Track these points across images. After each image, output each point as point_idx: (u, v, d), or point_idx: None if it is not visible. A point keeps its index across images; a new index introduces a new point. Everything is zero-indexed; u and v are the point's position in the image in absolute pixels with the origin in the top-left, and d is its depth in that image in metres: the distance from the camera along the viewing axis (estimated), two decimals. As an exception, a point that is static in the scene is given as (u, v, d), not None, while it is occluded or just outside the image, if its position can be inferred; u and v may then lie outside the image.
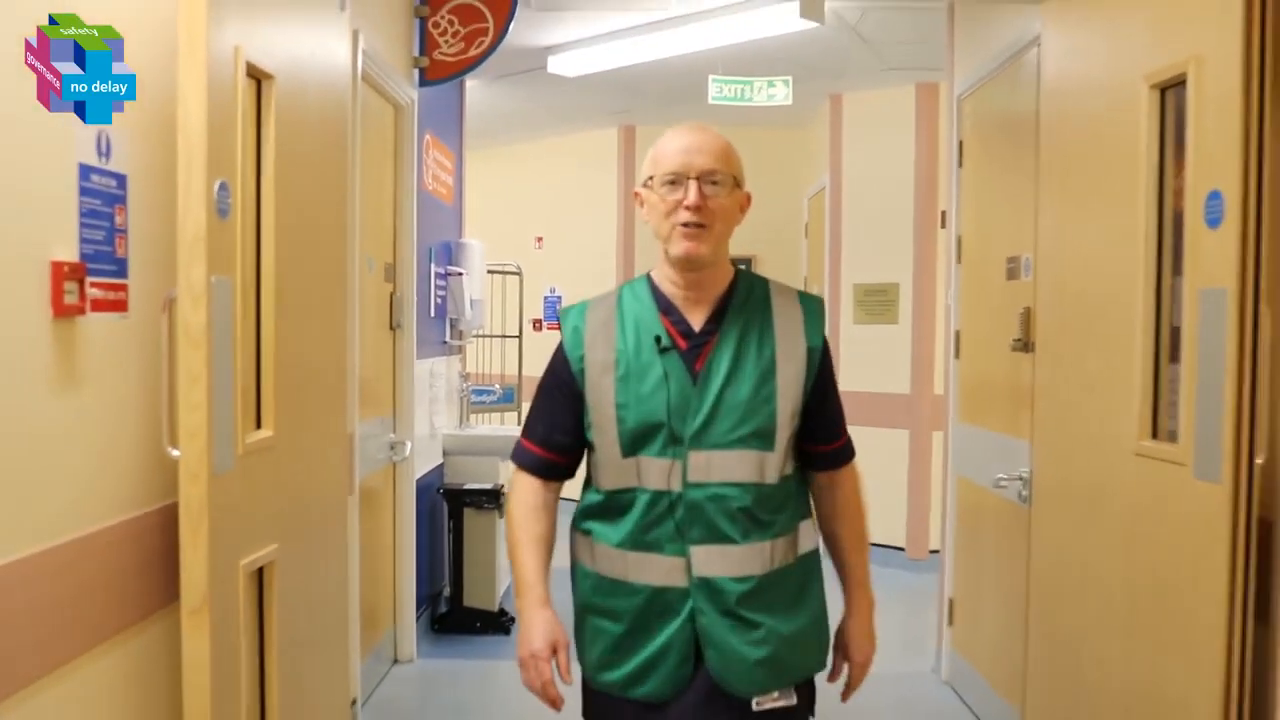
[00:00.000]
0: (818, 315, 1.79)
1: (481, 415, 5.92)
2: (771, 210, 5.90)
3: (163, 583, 1.92)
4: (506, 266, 6.50)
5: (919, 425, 5.84)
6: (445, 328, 4.90)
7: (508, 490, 1.92)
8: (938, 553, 4.34)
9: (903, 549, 5.88)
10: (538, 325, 7.62)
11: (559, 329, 1.82)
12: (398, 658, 4.21)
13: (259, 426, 2.07)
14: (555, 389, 1.80)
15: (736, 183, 1.72)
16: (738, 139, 1.76)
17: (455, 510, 4.65)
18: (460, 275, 4.90)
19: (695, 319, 1.75)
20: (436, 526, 4.72)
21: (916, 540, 5.85)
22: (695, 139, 1.70)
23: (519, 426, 2.62)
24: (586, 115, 7.11)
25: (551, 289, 7.74)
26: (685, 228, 1.68)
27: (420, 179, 4.32)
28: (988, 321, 3.65)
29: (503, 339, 6.57)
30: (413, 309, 4.19)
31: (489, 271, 5.66)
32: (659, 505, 1.70)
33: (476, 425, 5.59)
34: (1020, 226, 3.16)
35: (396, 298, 4.10)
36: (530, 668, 1.72)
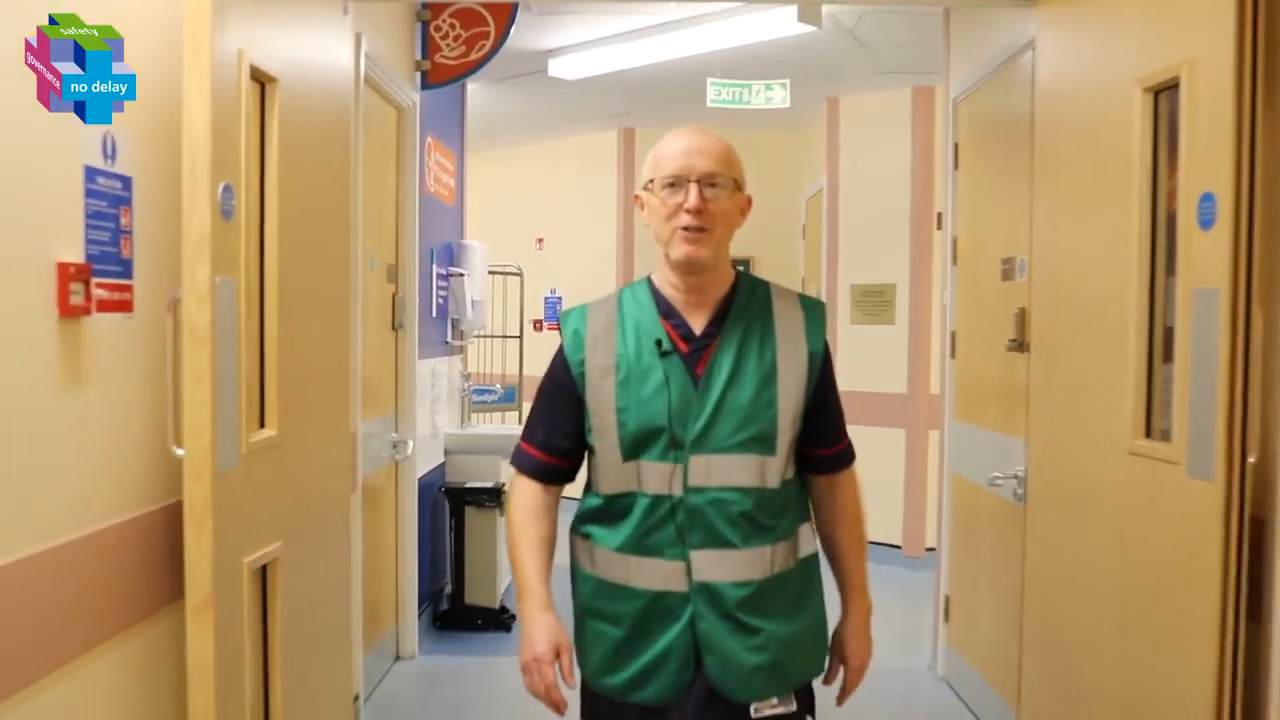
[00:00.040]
0: (819, 319, 1.77)
1: (482, 414, 5.94)
2: (769, 212, 5.87)
3: (167, 580, 1.93)
4: (507, 268, 6.51)
5: (915, 424, 5.86)
6: (447, 328, 4.92)
7: (508, 490, 1.90)
8: (934, 550, 4.36)
9: (899, 547, 5.90)
10: (538, 326, 7.64)
11: (559, 330, 1.80)
12: (400, 654, 4.23)
13: (263, 425, 2.09)
14: (555, 393, 1.78)
15: (737, 185, 1.70)
16: (736, 141, 1.75)
17: (457, 508, 4.67)
18: (462, 276, 4.91)
19: (696, 322, 1.73)
20: (438, 524, 4.74)
21: (913, 538, 5.87)
22: (696, 141, 1.68)
23: (520, 425, 2.62)
24: (586, 118, 7.11)
25: (552, 290, 7.76)
26: (686, 231, 1.65)
27: (422, 181, 4.33)
28: (983, 322, 3.67)
29: (504, 339, 6.58)
30: (415, 309, 4.21)
31: (490, 272, 5.67)
32: (659, 509, 1.69)
33: (478, 424, 5.61)
34: (1015, 228, 3.18)
35: (399, 298, 4.11)
36: (534, 672, 1.69)
